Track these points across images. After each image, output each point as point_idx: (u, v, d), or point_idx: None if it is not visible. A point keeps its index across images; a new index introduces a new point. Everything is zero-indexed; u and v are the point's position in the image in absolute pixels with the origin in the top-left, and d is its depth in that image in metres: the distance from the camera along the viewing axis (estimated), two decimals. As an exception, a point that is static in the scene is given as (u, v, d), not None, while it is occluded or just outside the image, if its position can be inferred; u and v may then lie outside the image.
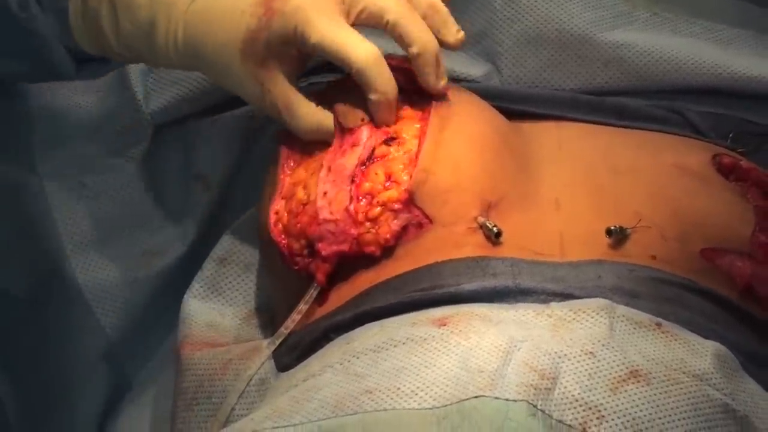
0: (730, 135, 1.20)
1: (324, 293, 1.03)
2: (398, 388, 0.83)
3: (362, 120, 1.06)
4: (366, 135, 1.05)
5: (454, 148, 1.04)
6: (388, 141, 1.04)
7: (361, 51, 1.02)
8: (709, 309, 0.98)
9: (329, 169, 1.04)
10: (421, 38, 1.05)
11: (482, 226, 1.00)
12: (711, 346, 0.89)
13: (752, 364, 0.94)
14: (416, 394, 0.82)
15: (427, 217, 1.01)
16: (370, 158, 1.04)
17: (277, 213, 1.06)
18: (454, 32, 1.08)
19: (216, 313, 1.16)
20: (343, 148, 1.05)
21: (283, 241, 1.04)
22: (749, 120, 1.22)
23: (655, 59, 1.21)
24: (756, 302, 1.02)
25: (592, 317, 0.89)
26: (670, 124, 1.20)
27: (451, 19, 1.08)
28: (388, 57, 1.06)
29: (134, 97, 1.24)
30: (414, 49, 1.04)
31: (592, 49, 1.22)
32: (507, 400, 0.80)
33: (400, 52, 1.07)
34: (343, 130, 1.06)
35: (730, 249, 1.03)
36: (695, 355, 0.87)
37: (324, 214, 1.02)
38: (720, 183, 1.10)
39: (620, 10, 1.24)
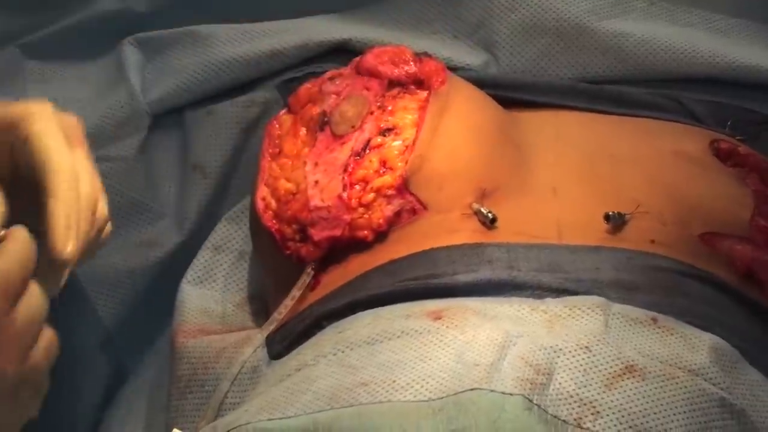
0: (729, 123, 1.20)
1: (317, 278, 1.04)
2: (394, 381, 0.83)
3: (352, 128, 1.06)
4: (356, 135, 1.06)
5: (451, 136, 1.04)
6: (385, 132, 1.05)
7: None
8: (709, 294, 0.98)
9: (316, 164, 1.04)
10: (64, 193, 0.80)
11: (477, 213, 1.00)
12: (708, 339, 0.89)
13: (755, 349, 0.94)
14: (412, 387, 0.82)
15: (420, 203, 1.01)
16: (365, 149, 1.04)
17: (263, 200, 1.07)
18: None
19: (210, 299, 1.17)
20: (330, 148, 1.05)
21: (275, 226, 1.05)
22: (747, 108, 1.22)
23: (653, 48, 1.21)
24: (757, 287, 1.02)
25: (588, 314, 0.89)
26: (668, 111, 1.20)
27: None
28: (382, 47, 1.07)
29: (132, 87, 1.24)
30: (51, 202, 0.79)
31: (589, 38, 1.22)
32: (503, 393, 0.79)
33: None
34: (334, 136, 1.06)
35: (730, 233, 1.03)
36: (691, 350, 0.87)
37: (315, 202, 1.02)
38: (718, 168, 1.10)
39: None
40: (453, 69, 1.18)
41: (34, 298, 0.76)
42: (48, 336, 0.80)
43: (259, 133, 1.26)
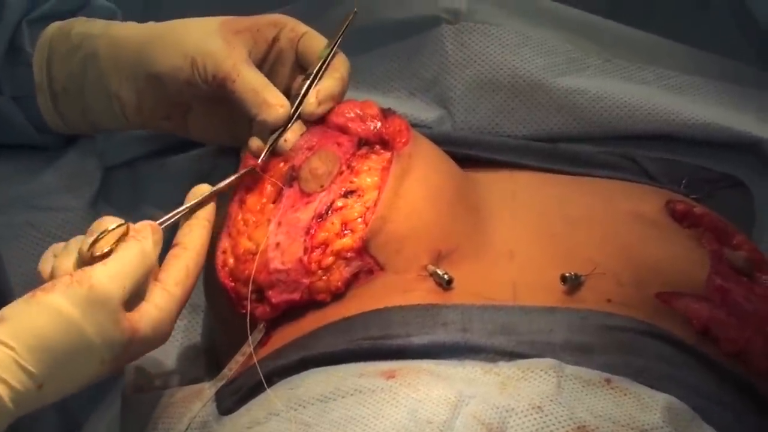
0: (683, 181, 1.20)
1: (268, 334, 1.03)
2: None
3: (321, 187, 1.05)
4: (321, 196, 1.05)
5: (411, 198, 1.04)
6: (347, 194, 1.04)
7: None
8: (665, 352, 0.97)
9: (279, 223, 1.04)
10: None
11: (433, 275, 1.00)
12: (662, 399, 0.89)
13: (711, 407, 0.94)
14: (364, 445, 0.81)
15: (378, 264, 1.01)
16: (328, 211, 1.03)
17: (224, 253, 1.06)
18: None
19: (162, 353, 1.15)
20: (296, 206, 1.04)
21: (231, 284, 1.04)
22: (702, 166, 1.23)
23: (608, 105, 1.22)
24: (713, 344, 1.01)
25: (540, 376, 0.88)
26: (623, 170, 1.20)
27: None
28: (349, 102, 1.07)
29: (85, 138, 1.24)
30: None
31: (544, 94, 1.23)
32: None
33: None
34: (301, 193, 1.05)
35: (686, 293, 1.03)
36: (645, 410, 0.87)
37: (275, 264, 1.01)
38: (674, 229, 1.10)
39: (573, 57, 1.25)
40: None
41: None
42: None
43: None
